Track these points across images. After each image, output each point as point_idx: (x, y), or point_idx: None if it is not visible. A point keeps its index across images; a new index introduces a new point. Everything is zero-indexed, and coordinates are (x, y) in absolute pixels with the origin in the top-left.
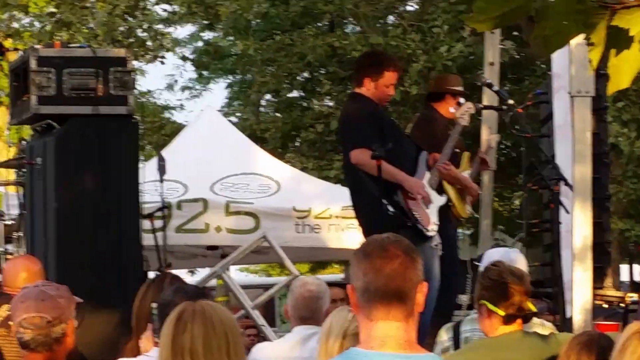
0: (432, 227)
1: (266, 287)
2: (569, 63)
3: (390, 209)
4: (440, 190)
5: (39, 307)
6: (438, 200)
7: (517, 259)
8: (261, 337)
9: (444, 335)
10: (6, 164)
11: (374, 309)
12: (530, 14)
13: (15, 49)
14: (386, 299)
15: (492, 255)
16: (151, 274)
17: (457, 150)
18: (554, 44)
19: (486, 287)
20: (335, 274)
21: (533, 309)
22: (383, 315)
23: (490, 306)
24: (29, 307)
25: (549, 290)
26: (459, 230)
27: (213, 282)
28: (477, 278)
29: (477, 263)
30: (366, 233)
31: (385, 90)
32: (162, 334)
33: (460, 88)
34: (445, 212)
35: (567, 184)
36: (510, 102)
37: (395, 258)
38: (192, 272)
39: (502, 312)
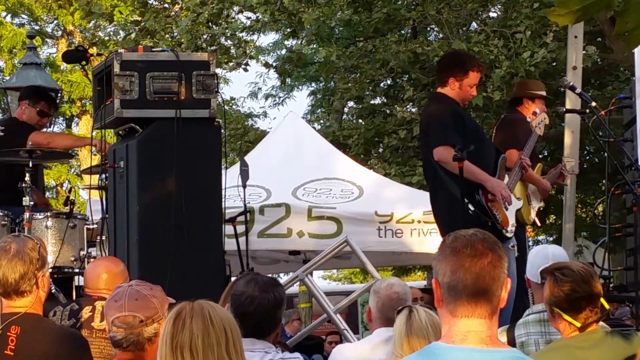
0: (510, 228)
1: (348, 294)
2: None
3: (471, 207)
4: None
5: (132, 306)
6: (516, 203)
7: (560, 254)
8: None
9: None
10: (90, 171)
11: (459, 306)
12: (612, 7)
13: (99, 54)
14: (473, 297)
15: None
16: (233, 279)
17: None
18: (636, 39)
19: (558, 300)
20: (417, 280)
21: (606, 306)
22: (468, 313)
23: (567, 317)
24: (122, 306)
25: (632, 294)
26: (543, 236)
27: (295, 288)
28: (547, 283)
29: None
30: (445, 231)
31: (469, 90)
32: (162, 332)
33: (540, 92)
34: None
35: None
36: (593, 104)
37: (483, 257)
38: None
39: (578, 324)
